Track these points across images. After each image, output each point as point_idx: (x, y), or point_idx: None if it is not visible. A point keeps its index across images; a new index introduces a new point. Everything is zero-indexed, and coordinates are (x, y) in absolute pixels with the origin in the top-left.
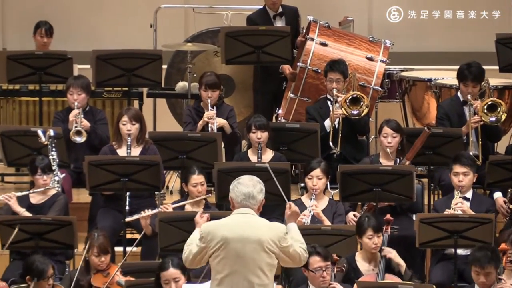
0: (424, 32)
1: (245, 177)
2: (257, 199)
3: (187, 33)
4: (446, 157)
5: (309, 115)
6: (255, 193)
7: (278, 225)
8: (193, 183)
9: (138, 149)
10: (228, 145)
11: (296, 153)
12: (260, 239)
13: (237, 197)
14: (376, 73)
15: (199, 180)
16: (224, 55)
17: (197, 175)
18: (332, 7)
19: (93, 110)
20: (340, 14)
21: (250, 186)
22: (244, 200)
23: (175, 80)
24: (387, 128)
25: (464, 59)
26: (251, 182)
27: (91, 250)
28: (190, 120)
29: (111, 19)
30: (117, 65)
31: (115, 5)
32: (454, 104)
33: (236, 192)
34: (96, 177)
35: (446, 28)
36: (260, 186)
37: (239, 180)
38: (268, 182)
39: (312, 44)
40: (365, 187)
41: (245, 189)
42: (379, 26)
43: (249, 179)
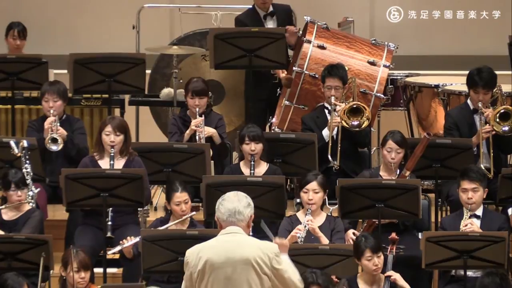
0: (430, 33)
1: (229, 193)
2: (244, 214)
3: (172, 35)
4: (455, 170)
5: (304, 125)
6: (241, 208)
7: (269, 244)
8: (176, 202)
9: (122, 161)
10: (217, 157)
11: (292, 166)
12: (248, 258)
13: (222, 214)
14: (379, 79)
15: (182, 198)
16: (213, 59)
17: (181, 192)
18: (330, 6)
19: (70, 119)
20: (339, 15)
21: (235, 201)
22: (230, 217)
23: (159, 87)
24: (392, 142)
25: (474, 63)
26: (236, 197)
27: (69, 266)
28: (176, 130)
29: (90, 20)
30: (96, 70)
31: (95, 4)
32: (463, 113)
33: (221, 210)
34: (73, 191)
35: (452, 29)
36: (246, 200)
37: (223, 197)
38: (261, 197)
39: (309, 47)
40: (366, 202)
41: (231, 205)
42: (381, 28)
43: (233, 194)
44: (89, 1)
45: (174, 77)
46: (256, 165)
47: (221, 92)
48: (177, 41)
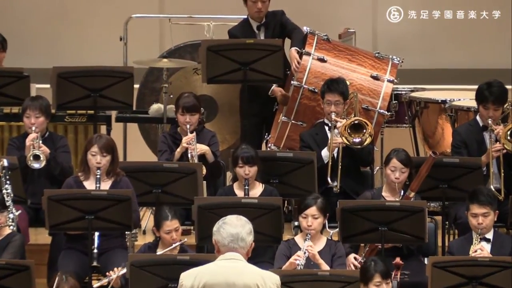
0: (437, 45)
1: (231, 217)
2: (246, 241)
3: (162, 47)
4: (463, 191)
5: (303, 142)
6: (244, 235)
7: (270, 274)
8: (166, 230)
9: (109, 182)
10: (210, 176)
11: (289, 187)
12: (249, 285)
13: (223, 239)
14: (382, 94)
15: (173, 226)
16: (206, 72)
17: (171, 220)
18: (331, 17)
19: (53, 137)
20: (340, 26)
21: (238, 226)
22: (232, 242)
23: (148, 102)
24: (396, 161)
25: (484, 77)
26: (239, 222)
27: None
28: (166, 148)
29: (75, 31)
30: (81, 85)
31: (79, 15)
32: (472, 130)
33: (223, 234)
34: (57, 214)
35: (460, 41)
36: (249, 226)
37: (224, 220)
38: (257, 220)
39: (309, 60)
40: (369, 226)
41: (233, 230)
42: (385, 40)
43: (236, 218)
44: (74, 11)
45: (164, 92)
46: (251, 186)
47: (214, 108)
48: (167, 53)
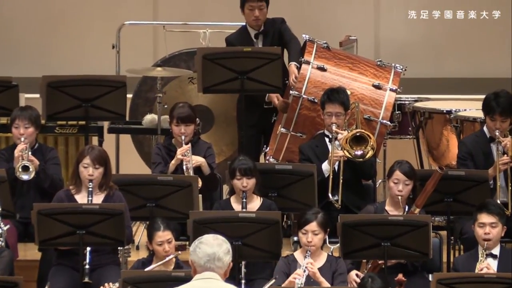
0: (441, 53)
1: (208, 236)
2: (223, 261)
3: (156, 55)
4: (469, 205)
5: (302, 154)
6: (221, 254)
7: None
8: (158, 241)
9: (101, 196)
10: (206, 189)
11: (289, 200)
12: None
13: (199, 259)
14: (385, 104)
15: (165, 237)
16: (201, 82)
17: (163, 231)
18: (331, 24)
19: (43, 148)
20: (341, 33)
21: (215, 245)
22: (208, 262)
23: (142, 113)
24: (399, 173)
25: (490, 86)
26: (216, 241)
27: None
28: (160, 160)
29: (65, 38)
30: (72, 94)
31: (70, 22)
32: (479, 141)
33: (199, 254)
34: (47, 229)
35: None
36: (226, 246)
37: (200, 240)
38: (255, 235)
39: (308, 69)
40: (371, 241)
41: (209, 249)
42: (387, 48)
43: (213, 238)
44: (64, 18)
45: (158, 102)
46: (249, 200)
47: (209, 118)
48: (161, 62)
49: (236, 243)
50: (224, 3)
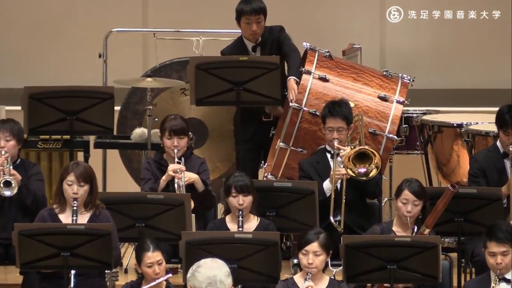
0: (451, 61)
1: (206, 260)
2: (225, 284)
3: (146, 65)
4: (481, 225)
5: (302, 172)
6: (223, 277)
7: None
8: (147, 263)
9: (87, 215)
10: (200, 208)
11: (288, 220)
12: None
13: (200, 283)
14: (391, 117)
15: (155, 258)
16: (194, 93)
17: (152, 251)
18: (334, 31)
19: (26, 164)
20: (344, 41)
21: (215, 268)
22: (210, 285)
23: (130, 126)
24: (408, 193)
25: (504, 98)
26: (216, 264)
27: None
28: (150, 176)
29: (48, 47)
30: (55, 107)
31: (53, 29)
32: (491, 157)
33: (199, 277)
34: (29, 251)
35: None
36: (226, 269)
37: (199, 264)
38: (252, 257)
39: (309, 79)
40: (376, 264)
41: (210, 272)
42: (393, 56)
43: (211, 260)
44: (47, 25)
45: (148, 115)
46: (245, 220)
47: (203, 132)
48: (151, 72)
49: (232, 266)
50: (218, 9)
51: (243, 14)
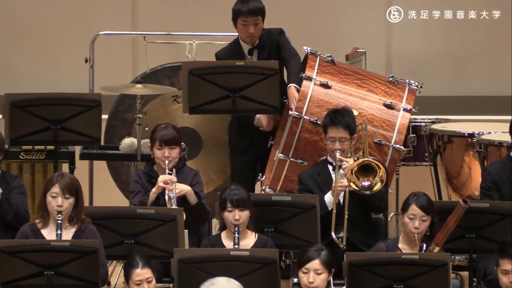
0: (462, 66)
1: (219, 278)
2: None
3: (136, 70)
4: (494, 241)
5: (302, 185)
6: None
7: None
8: (136, 281)
9: (71, 231)
10: (193, 223)
11: (287, 237)
12: None
13: None
14: (398, 126)
15: (144, 275)
16: (187, 101)
17: (142, 268)
18: (337, 35)
19: (7, 176)
20: (347, 44)
21: (228, 287)
22: None
23: (119, 136)
24: (416, 208)
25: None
26: (228, 283)
27: None
28: (140, 189)
29: (31, 52)
30: (39, 115)
31: (36, 32)
32: (505, 169)
33: None
34: (10, 269)
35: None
36: None
37: (212, 282)
38: (249, 276)
39: (310, 86)
40: (382, 283)
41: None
42: (400, 61)
43: (224, 280)
44: (30, 28)
45: (138, 124)
46: (242, 236)
47: (197, 142)
48: (141, 78)
49: None
50: (212, 11)
51: (240, 15)
